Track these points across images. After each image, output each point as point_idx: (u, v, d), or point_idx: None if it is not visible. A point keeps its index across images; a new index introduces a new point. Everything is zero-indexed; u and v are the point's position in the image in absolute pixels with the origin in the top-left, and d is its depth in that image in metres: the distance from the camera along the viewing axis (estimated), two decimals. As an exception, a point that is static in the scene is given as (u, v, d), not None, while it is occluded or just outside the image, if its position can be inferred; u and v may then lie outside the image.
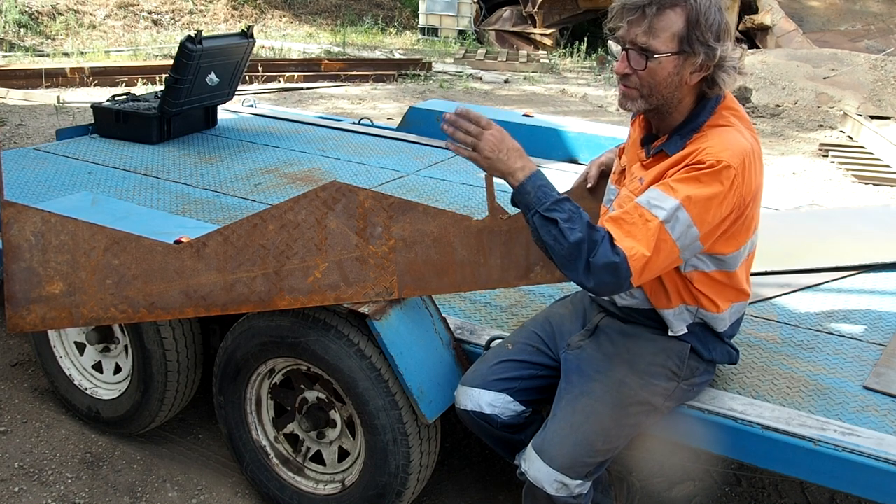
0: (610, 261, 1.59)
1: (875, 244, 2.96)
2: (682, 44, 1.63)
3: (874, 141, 7.16)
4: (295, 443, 2.41)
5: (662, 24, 1.63)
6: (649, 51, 1.65)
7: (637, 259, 1.60)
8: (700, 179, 1.62)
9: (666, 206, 1.61)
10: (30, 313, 2.10)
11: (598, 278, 1.61)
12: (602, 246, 1.60)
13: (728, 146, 1.65)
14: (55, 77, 8.70)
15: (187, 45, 3.85)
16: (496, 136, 1.72)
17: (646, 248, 1.61)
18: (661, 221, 1.61)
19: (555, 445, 1.81)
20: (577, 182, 2.23)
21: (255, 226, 2.01)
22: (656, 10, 1.63)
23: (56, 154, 3.77)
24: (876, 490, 1.72)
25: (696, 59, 1.64)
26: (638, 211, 1.64)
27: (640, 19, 1.64)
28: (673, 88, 1.69)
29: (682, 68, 1.66)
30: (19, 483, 2.52)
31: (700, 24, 1.62)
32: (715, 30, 1.63)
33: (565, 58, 13.15)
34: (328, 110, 8.19)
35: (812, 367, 2.13)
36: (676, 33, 1.63)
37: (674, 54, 1.65)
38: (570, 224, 1.62)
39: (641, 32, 1.64)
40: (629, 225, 1.64)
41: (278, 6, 14.86)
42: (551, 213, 1.64)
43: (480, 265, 2.07)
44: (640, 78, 1.69)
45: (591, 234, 1.61)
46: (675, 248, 1.64)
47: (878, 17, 12.81)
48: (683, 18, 1.63)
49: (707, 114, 1.72)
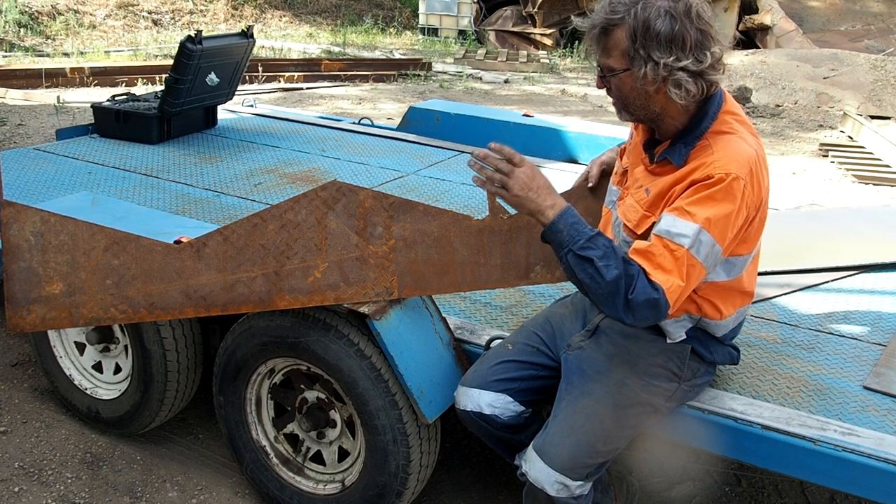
0: (650, 297, 1.61)
1: (875, 244, 2.96)
2: (630, 59, 1.65)
3: (874, 141, 7.16)
4: (295, 443, 2.41)
5: (612, 43, 1.67)
6: (606, 69, 1.71)
7: (674, 291, 1.63)
8: (714, 198, 1.63)
9: (688, 232, 1.62)
10: (29, 313, 2.10)
11: (638, 314, 1.63)
12: (639, 281, 1.61)
13: (734, 157, 1.65)
14: (55, 77, 8.70)
15: (187, 45, 3.85)
16: (527, 174, 1.69)
17: (679, 278, 1.63)
18: (686, 249, 1.62)
19: (555, 446, 1.81)
20: (578, 181, 2.23)
21: (255, 226, 2.01)
22: (600, 32, 1.68)
23: (56, 154, 3.77)
24: (876, 490, 1.72)
25: (641, 72, 1.63)
26: (662, 243, 1.64)
27: (595, 42, 1.70)
28: (644, 100, 1.70)
29: (642, 81, 1.66)
30: (19, 483, 2.52)
31: (638, 38, 1.62)
32: (663, 40, 1.60)
33: (565, 58, 13.15)
34: (328, 110, 8.19)
35: (812, 367, 2.13)
36: (624, 50, 1.65)
37: (625, 70, 1.67)
38: (605, 261, 1.61)
39: (601, 54, 1.71)
40: (658, 258, 1.64)
41: (278, 6, 14.85)
42: (586, 251, 1.62)
43: (481, 265, 2.07)
44: (612, 94, 1.75)
45: (627, 270, 1.61)
46: (703, 269, 1.67)
47: (878, 17, 12.81)
48: (626, 35, 1.63)
49: (709, 120, 1.71)
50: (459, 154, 4.07)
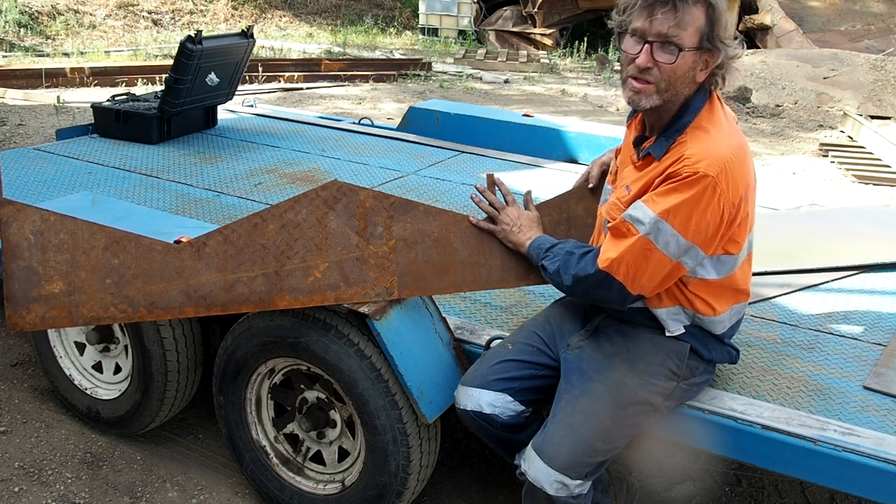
0: (586, 273, 1.81)
1: (875, 244, 2.96)
2: (703, 40, 1.67)
3: (874, 141, 7.16)
4: (295, 443, 2.41)
5: (689, 19, 1.66)
6: (675, 43, 1.66)
7: (607, 263, 1.76)
8: (678, 191, 1.69)
9: (645, 220, 1.71)
10: (29, 312, 2.10)
11: (581, 289, 1.86)
12: (583, 261, 1.84)
13: (706, 154, 1.68)
14: (55, 77, 8.70)
15: (187, 45, 3.85)
16: (512, 215, 2.08)
17: (614, 252, 1.76)
18: (641, 235, 1.72)
19: (554, 446, 1.81)
20: (579, 182, 2.23)
21: (255, 225, 2.01)
22: (684, 4, 1.65)
23: (56, 154, 3.77)
24: (876, 490, 1.72)
25: (712, 56, 1.69)
26: (624, 226, 1.76)
27: (671, 12, 1.65)
28: (686, 83, 1.72)
29: (697, 64, 1.70)
30: (19, 483, 2.52)
31: (719, 22, 1.67)
32: (728, 29, 1.69)
33: (565, 58, 13.15)
34: (328, 110, 8.19)
35: (812, 367, 2.13)
36: (699, 28, 1.66)
37: (696, 49, 1.68)
38: (552, 260, 1.92)
39: (672, 25, 1.65)
40: (615, 236, 1.78)
41: (278, 6, 14.85)
42: (542, 260, 1.96)
43: (481, 265, 2.07)
44: (661, 71, 1.69)
45: (567, 259, 1.87)
46: (664, 256, 1.72)
47: (878, 17, 12.81)
48: (705, 15, 1.66)
49: (691, 115, 1.74)
50: (459, 154, 4.07)
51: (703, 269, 1.80)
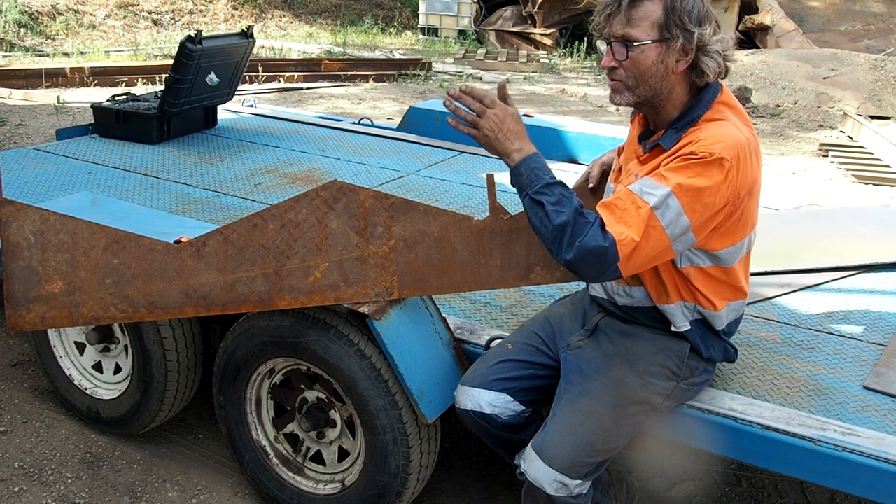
0: (598, 245, 1.60)
1: (875, 244, 2.96)
2: (662, 31, 1.67)
3: (874, 141, 7.16)
4: (295, 443, 2.41)
5: (640, 14, 1.67)
6: (629, 40, 1.68)
7: (626, 244, 1.61)
8: (691, 168, 1.64)
9: (657, 192, 1.63)
10: (29, 312, 2.10)
11: (584, 260, 1.62)
12: (592, 229, 1.61)
13: (722, 138, 1.66)
14: (55, 77, 8.70)
15: (187, 45, 3.85)
16: (498, 116, 1.74)
17: (635, 233, 1.61)
18: (651, 207, 1.62)
19: (554, 445, 1.81)
20: (579, 182, 2.23)
21: (255, 225, 2.01)
22: (629, 1, 1.67)
23: (56, 154, 3.77)
24: (876, 490, 1.72)
25: (676, 45, 1.67)
26: (630, 198, 1.65)
27: (618, 11, 1.69)
28: (659, 78, 1.71)
29: (666, 56, 1.69)
30: (19, 483, 2.52)
31: (676, 10, 1.65)
32: (694, 15, 1.66)
33: (565, 58, 13.15)
34: (328, 110, 8.19)
35: (812, 367, 2.13)
36: (655, 21, 1.67)
37: (654, 42, 1.67)
38: (556, 207, 1.64)
39: (620, 24, 1.69)
40: (620, 210, 1.65)
41: (278, 6, 14.85)
42: (539, 195, 1.67)
43: (481, 265, 2.07)
44: (625, 69, 1.72)
45: (577, 219, 1.62)
46: (665, 236, 1.64)
47: (878, 17, 12.82)
48: (661, 6, 1.66)
49: (703, 108, 1.73)
50: (459, 154, 4.07)
51: (697, 257, 1.78)
